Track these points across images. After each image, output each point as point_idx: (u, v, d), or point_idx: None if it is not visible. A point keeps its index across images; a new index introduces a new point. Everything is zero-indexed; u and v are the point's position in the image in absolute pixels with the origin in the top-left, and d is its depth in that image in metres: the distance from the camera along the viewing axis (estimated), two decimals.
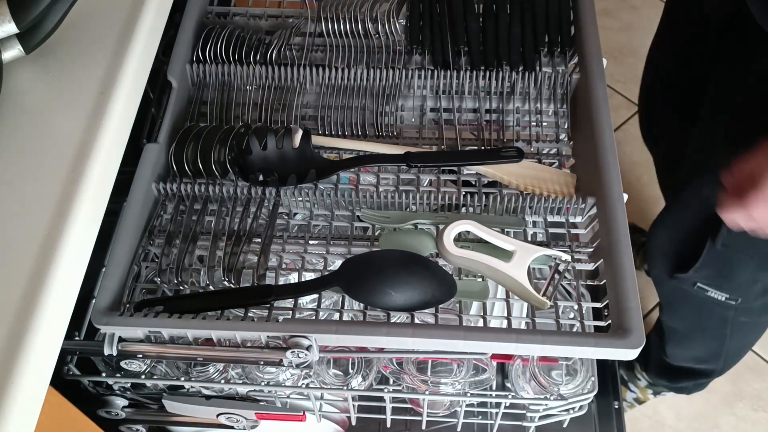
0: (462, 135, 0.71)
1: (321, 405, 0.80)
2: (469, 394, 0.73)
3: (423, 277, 0.58)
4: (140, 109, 0.62)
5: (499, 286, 0.63)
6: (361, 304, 0.59)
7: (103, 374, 0.72)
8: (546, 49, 0.74)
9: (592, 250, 0.63)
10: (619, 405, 0.96)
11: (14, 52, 0.56)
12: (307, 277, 0.61)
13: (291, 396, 0.76)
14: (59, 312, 0.49)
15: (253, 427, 0.77)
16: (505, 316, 0.60)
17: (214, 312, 0.58)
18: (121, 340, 0.59)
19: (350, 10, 0.75)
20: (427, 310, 0.59)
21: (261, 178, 0.64)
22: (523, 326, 0.61)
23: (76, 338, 0.69)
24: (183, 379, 0.71)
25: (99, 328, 0.57)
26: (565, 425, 0.80)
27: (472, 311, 0.81)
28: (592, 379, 0.73)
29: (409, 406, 0.80)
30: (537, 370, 0.74)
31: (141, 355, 0.59)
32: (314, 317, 0.61)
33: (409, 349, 0.68)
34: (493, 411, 0.84)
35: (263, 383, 0.72)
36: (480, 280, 0.62)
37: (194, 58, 0.73)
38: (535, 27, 0.74)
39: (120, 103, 0.58)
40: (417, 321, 0.58)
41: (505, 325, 0.59)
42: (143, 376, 0.70)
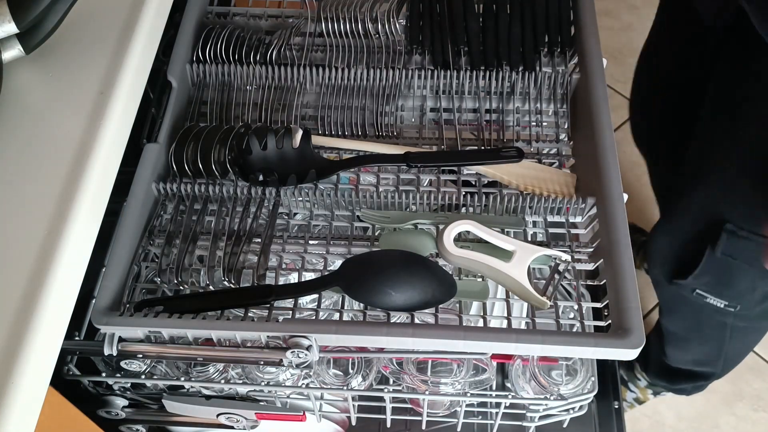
0: (462, 135, 0.71)
1: (321, 405, 0.80)
2: (469, 394, 0.73)
3: (423, 277, 0.58)
4: (140, 109, 0.62)
5: (499, 286, 0.63)
6: (361, 304, 0.59)
7: (103, 374, 0.72)
8: (546, 49, 0.74)
9: (592, 250, 0.63)
10: (619, 405, 0.96)
11: (14, 52, 0.56)
12: (307, 277, 0.61)
13: (291, 396, 0.76)
14: (59, 312, 0.49)
15: (253, 427, 0.77)
16: (505, 316, 0.60)
17: (214, 312, 0.58)
18: (121, 340, 0.59)
19: (350, 10, 0.75)
20: (427, 310, 0.59)
21: (261, 178, 0.64)
22: (523, 326, 0.61)
23: (76, 338, 0.69)
24: (183, 379, 0.71)
25: (99, 328, 0.57)
26: (565, 425, 0.80)
27: (472, 311, 0.81)
28: (592, 379, 0.73)
29: (409, 406, 0.80)
30: (537, 370, 0.74)
31: (141, 355, 0.59)
32: (314, 317, 0.61)
33: (409, 349, 0.68)
34: (493, 411, 0.84)
35: (263, 383, 0.72)
36: (480, 280, 0.62)
37: (194, 58, 0.73)
38: (535, 27, 0.74)
39: (120, 103, 0.57)
40: (417, 321, 0.58)
41: (505, 325, 0.59)
42: (143, 376, 0.70)
